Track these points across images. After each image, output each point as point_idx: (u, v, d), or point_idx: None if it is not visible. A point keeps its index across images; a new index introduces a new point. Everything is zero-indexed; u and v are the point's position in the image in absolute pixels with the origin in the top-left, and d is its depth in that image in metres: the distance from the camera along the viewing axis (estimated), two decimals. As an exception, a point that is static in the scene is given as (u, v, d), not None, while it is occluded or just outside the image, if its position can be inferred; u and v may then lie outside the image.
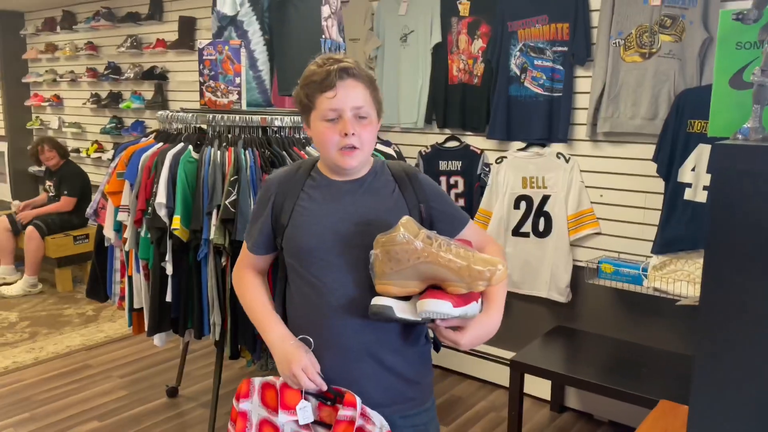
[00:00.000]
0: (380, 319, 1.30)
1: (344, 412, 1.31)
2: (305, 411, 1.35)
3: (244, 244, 1.53)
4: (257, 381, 1.42)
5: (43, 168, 5.08)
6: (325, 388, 1.35)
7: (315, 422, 1.38)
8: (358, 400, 1.32)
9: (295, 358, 1.34)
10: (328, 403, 1.36)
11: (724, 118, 1.42)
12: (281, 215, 1.42)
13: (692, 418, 1.17)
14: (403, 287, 1.28)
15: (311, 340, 1.38)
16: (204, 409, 2.97)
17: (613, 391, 2.41)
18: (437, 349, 1.55)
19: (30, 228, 4.61)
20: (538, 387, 3.06)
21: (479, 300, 1.33)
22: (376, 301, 1.29)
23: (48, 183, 4.94)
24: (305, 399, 1.36)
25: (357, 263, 1.35)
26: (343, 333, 1.37)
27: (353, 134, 1.33)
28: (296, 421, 1.36)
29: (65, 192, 4.78)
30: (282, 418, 1.35)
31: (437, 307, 1.24)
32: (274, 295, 1.52)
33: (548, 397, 3.06)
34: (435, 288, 1.28)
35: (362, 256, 1.32)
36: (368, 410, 1.32)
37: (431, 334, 1.52)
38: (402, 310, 1.28)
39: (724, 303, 1.16)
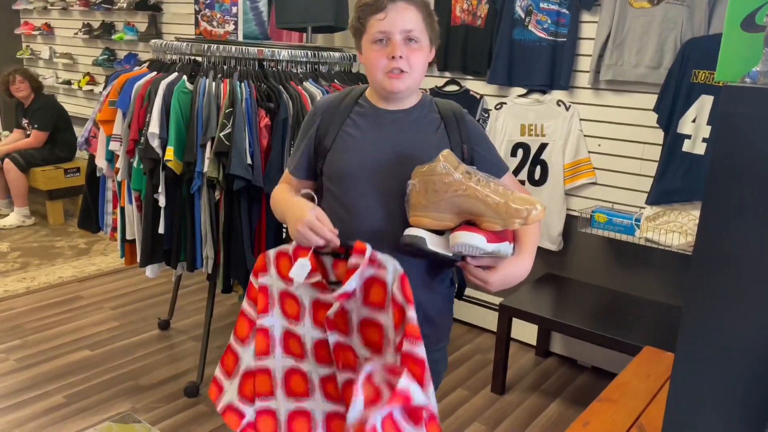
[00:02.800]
0: (412, 250, 1.29)
1: (354, 261, 1.27)
2: (302, 268, 1.30)
3: (286, 169, 1.52)
4: (272, 252, 1.38)
5: (14, 101, 4.94)
6: (337, 243, 1.29)
7: (333, 282, 1.34)
8: (368, 246, 1.27)
9: (301, 214, 1.29)
10: (342, 257, 1.32)
11: (733, 62, 1.40)
12: (325, 139, 1.41)
13: (677, 365, 1.18)
14: (438, 220, 1.26)
15: (313, 194, 1.37)
16: (195, 342, 3.01)
17: (597, 337, 2.46)
18: (460, 296, 1.54)
19: (6, 161, 4.56)
20: (524, 332, 3.11)
21: (512, 242, 1.31)
22: (410, 231, 1.28)
23: (24, 120, 4.82)
24: (319, 261, 1.31)
25: (393, 194, 1.34)
26: None
27: (401, 57, 1.31)
28: (306, 282, 1.30)
29: (35, 126, 4.68)
30: (295, 283, 1.31)
31: (471, 239, 1.23)
32: None
33: (534, 342, 3.12)
34: (469, 224, 1.27)
35: (399, 187, 1.32)
36: (378, 255, 1.27)
37: (456, 279, 1.51)
38: (434, 243, 1.27)
39: (719, 250, 1.16)
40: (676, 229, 2.52)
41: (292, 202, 1.37)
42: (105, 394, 2.58)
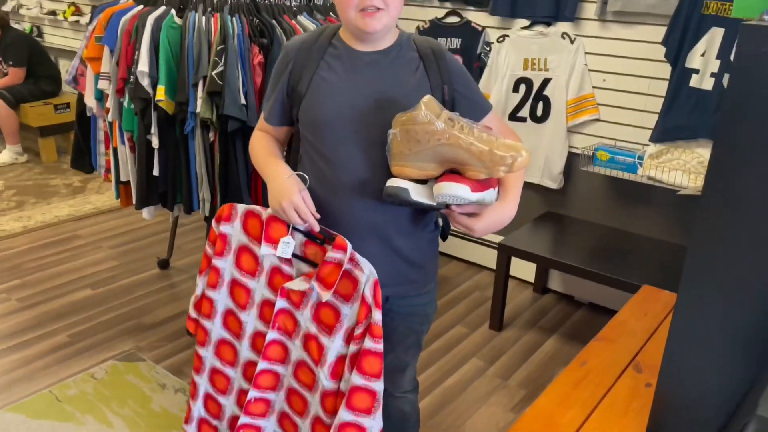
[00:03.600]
0: (394, 202, 1.27)
1: (333, 254, 1.30)
2: (287, 246, 1.35)
3: (261, 114, 1.48)
4: (241, 207, 1.42)
5: None
6: (317, 228, 1.32)
7: (298, 257, 1.38)
8: (349, 244, 1.29)
9: (287, 193, 1.30)
10: (317, 241, 1.35)
11: (751, -3, 1.32)
12: (299, 84, 1.35)
13: (680, 304, 1.18)
14: (420, 169, 1.23)
15: (306, 176, 1.35)
16: (194, 281, 3.03)
17: (596, 275, 2.47)
18: (444, 238, 1.53)
19: None
20: (523, 270, 3.13)
21: (496, 187, 1.29)
22: (392, 182, 1.25)
23: None
24: (291, 235, 1.35)
25: (374, 141, 1.29)
26: (353, 211, 1.34)
27: None
28: (273, 254, 1.37)
29: (11, 63, 4.54)
30: (263, 250, 1.37)
31: (455, 190, 1.20)
32: None
33: (532, 280, 3.14)
34: (453, 172, 1.24)
35: (379, 133, 1.27)
36: (357, 256, 1.30)
37: (440, 222, 1.50)
38: (418, 193, 1.25)
39: (728, 191, 1.13)
40: (679, 167, 2.49)
41: (278, 174, 1.34)
42: (108, 333, 2.61)
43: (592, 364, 1.53)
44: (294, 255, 1.37)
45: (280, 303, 1.39)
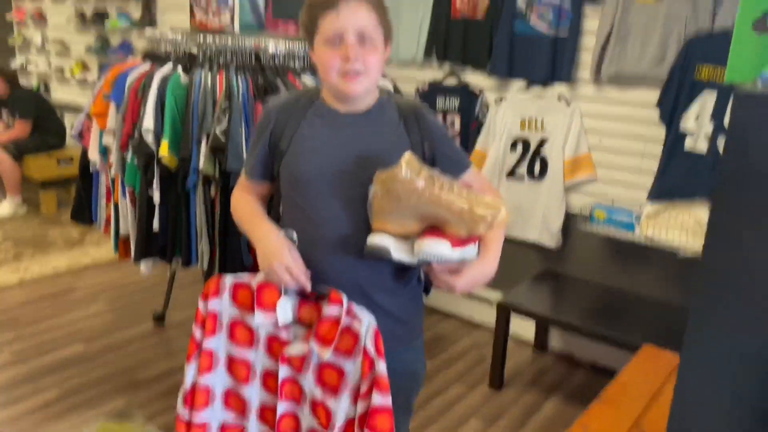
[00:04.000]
0: (375, 259, 1.27)
1: (329, 310, 1.27)
2: (285, 309, 1.30)
3: (243, 171, 1.49)
4: (228, 278, 1.36)
5: None
6: (309, 288, 1.29)
7: (294, 322, 1.34)
8: (344, 296, 1.27)
9: (277, 253, 1.28)
10: (312, 300, 1.32)
11: (744, 62, 1.37)
12: (281, 141, 1.37)
13: (683, 369, 1.16)
14: (401, 226, 1.23)
15: (295, 234, 1.32)
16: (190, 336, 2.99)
17: (596, 334, 2.45)
18: (427, 292, 1.53)
19: None
20: (522, 328, 3.10)
21: (476, 243, 1.30)
22: (373, 239, 1.25)
23: (4, 110, 4.75)
24: (286, 295, 1.31)
25: (355, 198, 1.30)
26: (334, 267, 1.34)
27: (356, 58, 1.26)
28: (274, 322, 1.31)
29: (17, 116, 4.63)
30: (258, 318, 1.31)
31: (436, 248, 1.21)
32: None
33: (532, 338, 3.11)
34: (434, 229, 1.24)
35: (360, 191, 1.28)
36: (355, 307, 1.28)
37: (422, 276, 1.50)
38: (399, 250, 1.25)
39: (727, 255, 1.13)
40: (676, 226, 2.50)
41: (267, 234, 1.33)
42: (100, 389, 2.56)
43: (593, 427, 1.50)
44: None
45: (284, 371, 1.34)
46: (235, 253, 2.24)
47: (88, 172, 2.57)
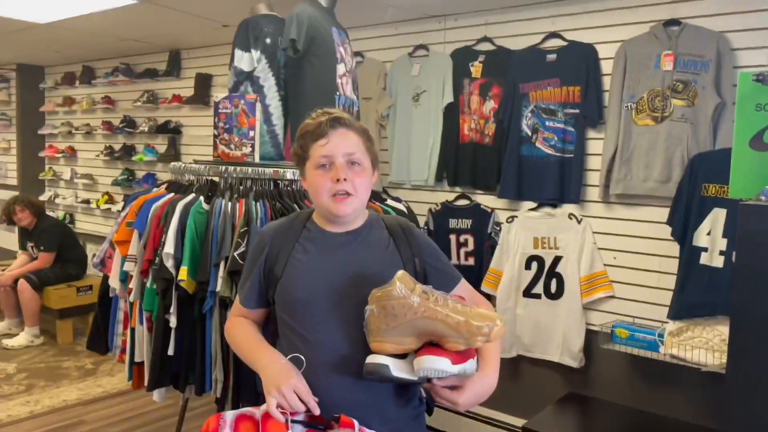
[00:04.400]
0: (375, 379, 1.26)
1: None
2: None
3: (237, 298, 1.51)
4: (230, 414, 1.32)
5: (14, 228, 5.06)
6: (317, 411, 1.27)
7: None
8: (355, 422, 1.25)
9: (285, 377, 1.28)
10: (320, 427, 1.29)
11: (744, 180, 1.41)
12: (275, 267, 1.41)
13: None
14: (399, 344, 1.24)
15: (302, 359, 1.32)
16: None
17: (630, 464, 2.30)
18: (430, 412, 1.49)
19: (21, 281, 4.58)
20: (549, 457, 2.92)
21: (475, 357, 1.28)
22: (372, 359, 1.25)
23: (29, 243, 4.89)
24: (290, 429, 1.27)
25: (350, 318, 1.32)
26: (333, 390, 1.32)
27: (345, 180, 1.34)
28: None
29: (42, 248, 4.75)
30: None
31: (435, 363, 1.20)
32: None
33: (560, 468, 2.92)
34: (432, 345, 1.24)
35: (355, 311, 1.29)
36: (366, 430, 1.26)
37: (424, 395, 1.46)
38: (398, 369, 1.24)
39: (751, 371, 1.10)
40: (701, 345, 2.43)
41: (273, 360, 1.34)
42: None
43: None
44: None
45: None
46: (249, 379, 2.19)
47: (107, 300, 2.59)
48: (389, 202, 2.74)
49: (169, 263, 2.22)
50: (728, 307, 2.37)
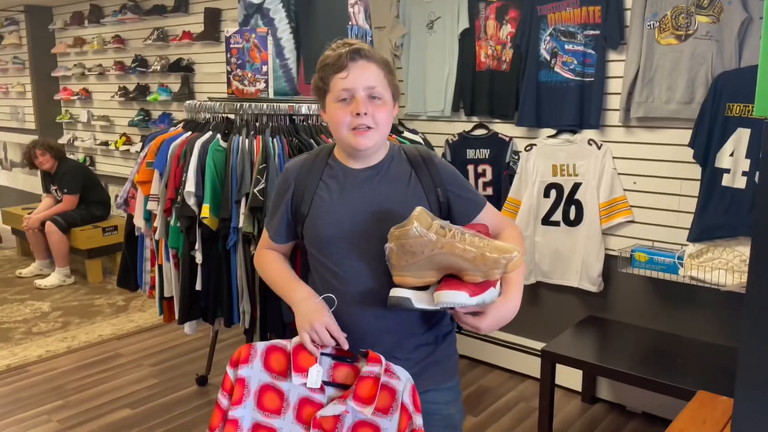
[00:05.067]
0: (399, 310, 1.32)
1: (369, 368, 1.31)
2: (318, 374, 1.34)
3: (264, 232, 1.55)
4: (261, 345, 1.40)
5: (37, 171, 5.13)
6: (346, 346, 1.35)
7: (327, 383, 1.36)
8: (382, 358, 1.32)
9: (317, 314, 1.35)
10: (348, 361, 1.36)
11: (771, 97, 1.36)
12: (301, 205, 1.44)
13: (738, 412, 1.12)
14: (420, 278, 1.28)
15: (335, 298, 1.37)
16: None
17: (646, 382, 2.36)
18: (459, 330, 1.54)
19: (48, 223, 4.69)
20: (569, 378, 3.01)
21: (497, 285, 1.32)
22: (394, 292, 1.30)
23: (53, 186, 4.97)
24: (319, 362, 1.35)
25: (375, 252, 1.35)
26: (364, 319, 1.39)
27: (366, 114, 1.34)
28: (304, 384, 1.35)
29: (65, 191, 4.82)
30: (295, 380, 1.34)
31: (454, 297, 1.24)
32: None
33: (579, 389, 3.01)
34: (452, 277, 1.28)
35: (380, 245, 1.32)
36: (392, 366, 1.33)
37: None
38: (420, 300, 1.29)
39: (773, 289, 1.11)
40: (721, 266, 2.44)
41: (305, 297, 1.40)
42: (145, 455, 2.56)
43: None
44: (323, 381, 1.36)
45: None
46: (275, 310, 2.26)
47: (133, 239, 2.66)
48: (406, 134, 2.72)
49: (191, 201, 2.25)
50: (750, 227, 2.37)
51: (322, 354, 1.36)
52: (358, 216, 1.38)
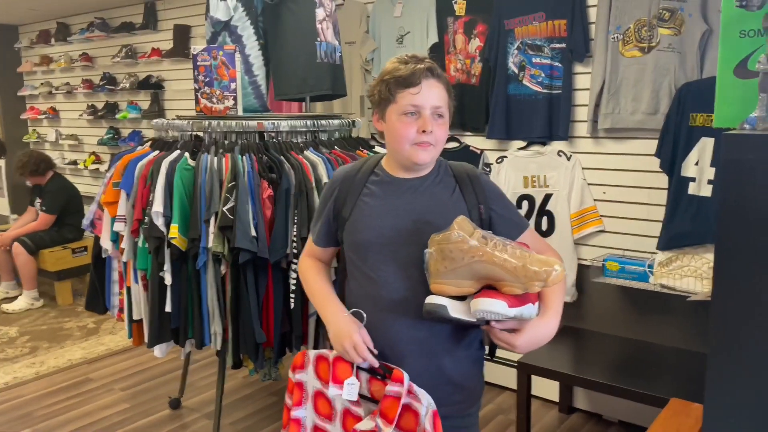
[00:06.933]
0: (434, 319, 1.30)
1: (392, 388, 1.32)
2: (352, 388, 1.37)
3: (309, 237, 1.60)
4: (312, 353, 1.47)
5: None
6: (376, 364, 1.36)
7: (366, 398, 1.39)
8: (406, 376, 1.32)
9: (347, 333, 1.37)
10: (379, 377, 1.37)
11: (729, 109, 1.39)
12: (343, 209, 1.47)
13: (708, 417, 1.13)
14: (457, 287, 1.27)
15: (363, 314, 1.40)
16: (208, 420, 2.93)
17: (622, 391, 2.37)
18: (492, 355, 1.53)
19: (15, 244, 4.57)
20: (545, 389, 3.02)
21: (536, 303, 1.31)
22: (431, 300, 1.29)
23: (38, 200, 4.86)
24: (356, 375, 1.38)
25: (413, 261, 1.36)
26: (396, 327, 1.39)
27: (431, 132, 1.36)
28: (340, 395, 1.39)
29: (44, 209, 4.71)
30: (332, 391, 1.39)
31: (491, 306, 1.22)
32: (335, 287, 1.57)
33: (556, 399, 3.02)
34: (490, 288, 1.26)
35: (418, 253, 1.33)
36: (416, 388, 1.32)
37: (486, 341, 1.50)
38: (456, 310, 1.27)
39: (737, 298, 1.12)
40: (690, 273, 2.48)
41: (336, 314, 1.42)
42: (117, 482, 2.49)
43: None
44: (361, 396, 1.39)
45: None
46: (247, 330, 2.23)
47: (101, 261, 2.60)
48: (377, 149, 2.72)
49: (159, 222, 2.21)
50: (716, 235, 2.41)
51: (359, 368, 1.39)
52: (398, 223, 1.40)
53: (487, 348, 1.52)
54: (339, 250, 1.58)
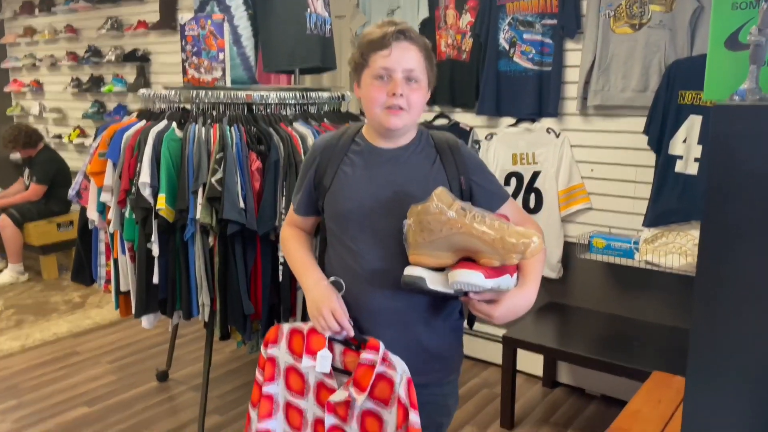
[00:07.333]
0: (412, 290, 1.30)
1: (366, 356, 1.31)
2: (324, 360, 1.36)
3: (291, 205, 1.58)
4: (286, 326, 1.45)
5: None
6: (352, 333, 1.35)
7: (339, 370, 1.38)
8: (381, 344, 1.31)
9: (326, 300, 1.36)
10: (353, 348, 1.37)
11: (719, 81, 1.40)
12: (324, 178, 1.45)
13: (689, 390, 1.15)
14: (435, 258, 1.26)
15: (342, 282, 1.39)
16: (195, 392, 2.94)
17: (605, 365, 2.41)
18: (471, 325, 1.53)
19: (3, 216, 4.53)
20: (530, 363, 3.05)
21: (514, 274, 1.31)
22: (409, 271, 1.28)
23: (27, 170, 4.82)
24: (329, 347, 1.37)
25: (393, 231, 1.35)
26: (374, 298, 1.39)
27: (401, 95, 1.33)
28: (314, 367, 1.37)
29: (34, 179, 4.67)
30: (305, 362, 1.37)
31: (469, 277, 1.23)
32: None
33: (540, 374, 3.06)
34: (468, 260, 1.26)
35: (398, 224, 1.33)
36: (390, 355, 1.32)
37: (466, 312, 1.51)
38: (434, 281, 1.27)
39: (721, 271, 1.14)
40: (675, 250, 2.50)
41: (316, 282, 1.41)
42: (104, 453, 2.50)
43: (607, 456, 1.47)
44: (335, 368, 1.38)
45: (329, 420, 1.37)
46: (235, 302, 2.23)
47: (87, 232, 2.58)
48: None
49: (146, 192, 2.19)
50: (701, 211, 2.43)
51: (333, 339, 1.37)
52: (378, 193, 1.38)
53: (465, 319, 1.52)
54: (320, 220, 1.57)
